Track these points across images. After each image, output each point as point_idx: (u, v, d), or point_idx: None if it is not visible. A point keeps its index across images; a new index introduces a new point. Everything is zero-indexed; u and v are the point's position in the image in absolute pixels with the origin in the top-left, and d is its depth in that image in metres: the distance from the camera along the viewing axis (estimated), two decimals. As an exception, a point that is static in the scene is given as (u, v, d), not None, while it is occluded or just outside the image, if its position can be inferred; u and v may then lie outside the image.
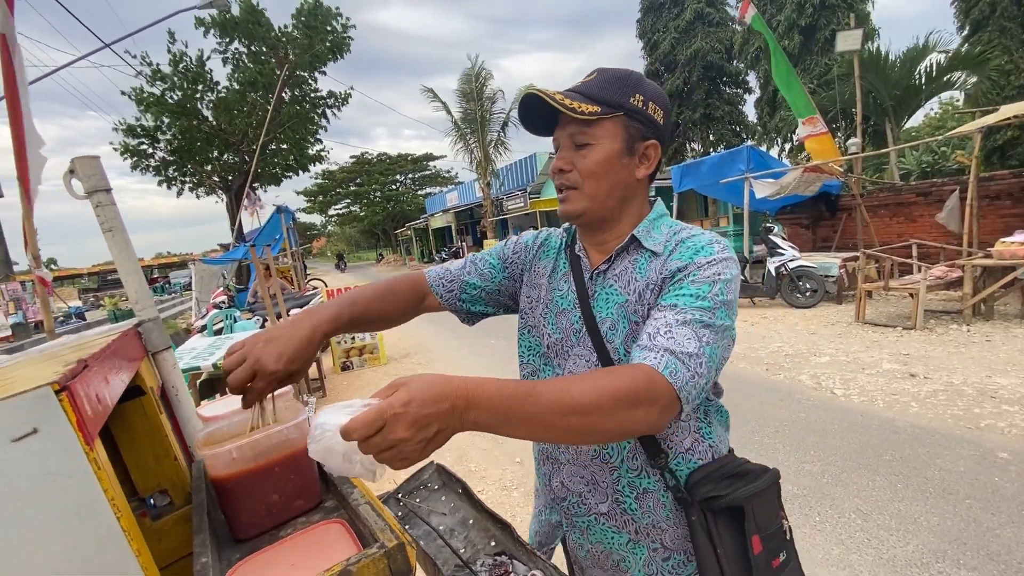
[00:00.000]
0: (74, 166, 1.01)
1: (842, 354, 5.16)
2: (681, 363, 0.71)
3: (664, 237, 0.90)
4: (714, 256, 0.82)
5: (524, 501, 3.10)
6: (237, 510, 0.77)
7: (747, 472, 0.90)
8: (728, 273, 0.81)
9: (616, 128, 0.86)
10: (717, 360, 0.77)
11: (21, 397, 0.44)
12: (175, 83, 13.96)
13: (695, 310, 0.76)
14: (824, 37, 15.14)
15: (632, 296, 0.87)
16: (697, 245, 0.85)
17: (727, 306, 0.79)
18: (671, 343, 0.73)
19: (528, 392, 0.63)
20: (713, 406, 0.95)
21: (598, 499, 0.95)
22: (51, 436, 0.45)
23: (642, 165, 0.90)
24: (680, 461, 0.91)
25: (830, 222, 10.06)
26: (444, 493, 1.29)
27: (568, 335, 0.94)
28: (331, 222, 55.08)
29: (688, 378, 0.71)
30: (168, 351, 1.10)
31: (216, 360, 3.70)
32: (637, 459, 0.91)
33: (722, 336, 0.77)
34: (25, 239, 3.89)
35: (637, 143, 0.88)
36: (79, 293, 30.17)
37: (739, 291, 0.84)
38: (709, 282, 0.79)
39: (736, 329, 0.88)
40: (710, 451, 0.93)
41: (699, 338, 0.74)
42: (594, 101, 0.85)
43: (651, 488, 0.91)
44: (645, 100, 0.87)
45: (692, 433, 0.92)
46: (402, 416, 0.55)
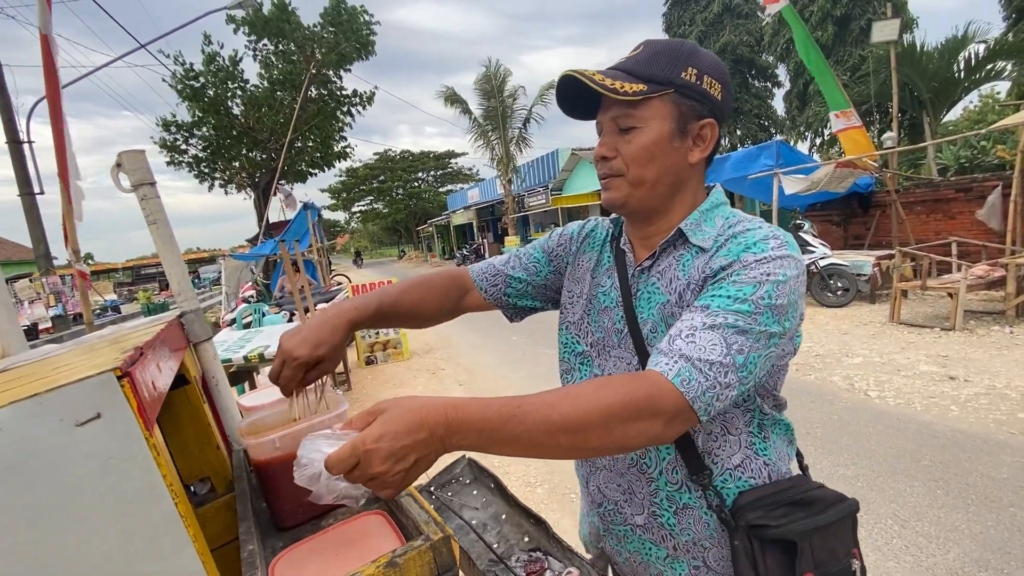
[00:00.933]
0: (121, 160, 1.03)
1: (876, 355, 5.00)
2: (697, 371, 0.65)
3: (716, 231, 0.80)
4: (766, 254, 0.72)
5: (548, 498, 3.09)
6: (279, 499, 0.78)
7: (812, 501, 0.79)
8: (781, 274, 0.71)
9: (666, 107, 0.77)
10: (755, 370, 0.69)
11: (86, 382, 0.44)
12: (208, 81, 14.31)
13: (729, 313, 0.68)
14: (859, 27, 14.65)
15: (673, 296, 0.80)
16: (749, 240, 0.75)
17: (776, 311, 0.69)
18: (690, 348, 0.66)
19: (512, 413, 0.59)
20: (770, 420, 0.85)
21: (634, 510, 0.88)
22: (113, 421, 0.45)
23: (696, 147, 0.81)
24: (727, 478, 0.82)
25: (862, 219, 9.75)
26: (476, 487, 1.29)
27: (609, 335, 0.88)
28: (354, 219, 55.88)
29: (705, 388, 0.64)
30: (209, 342, 1.12)
31: (246, 353, 3.78)
32: (677, 472, 0.83)
33: (765, 344, 0.69)
34: (65, 234, 4.03)
35: (691, 123, 0.79)
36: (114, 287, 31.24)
37: (799, 293, 0.72)
38: (754, 283, 0.70)
39: (799, 336, 0.79)
40: (765, 470, 0.83)
41: (727, 345, 0.67)
42: (640, 79, 0.77)
43: (692, 504, 0.83)
44: (700, 73, 0.77)
45: (743, 448, 0.82)
46: (375, 452, 0.54)
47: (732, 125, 21.76)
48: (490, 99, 18.81)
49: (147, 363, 0.55)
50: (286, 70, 14.65)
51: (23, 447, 0.42)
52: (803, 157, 8.77)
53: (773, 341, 0.70)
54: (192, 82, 14.17)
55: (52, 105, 3.60)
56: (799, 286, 0.73)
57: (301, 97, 12.87)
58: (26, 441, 0.42)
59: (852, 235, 9.96)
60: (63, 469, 0.44)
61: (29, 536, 0.43)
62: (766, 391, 0.83)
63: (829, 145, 16.19)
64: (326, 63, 14.98)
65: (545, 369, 5.63)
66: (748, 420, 0.83)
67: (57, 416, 0.43)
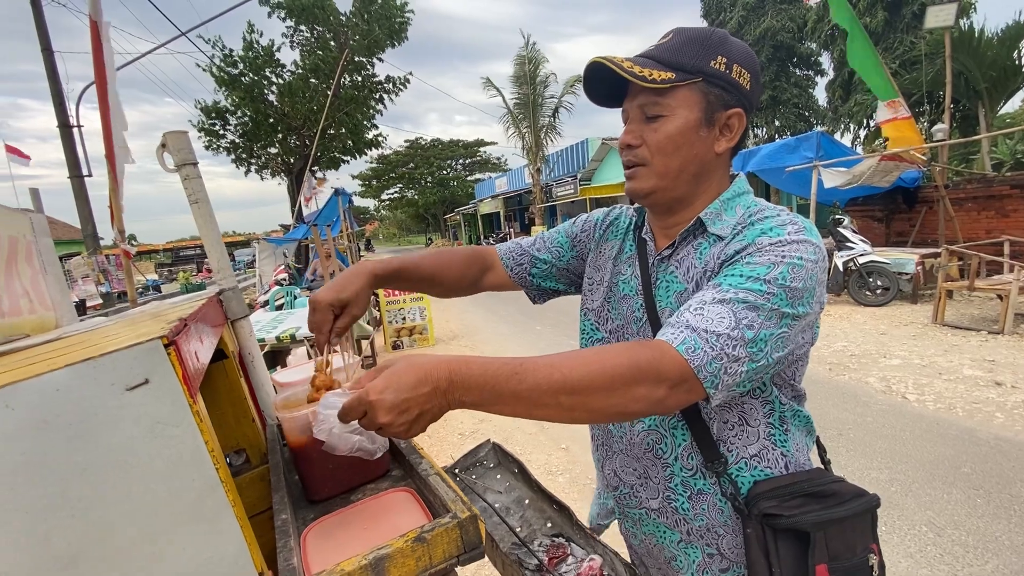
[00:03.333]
0: (165, 140, 1.07)
1: (916, 357, 4.80)
2: (703, 340, 0.64)
3: (736, 219, 0.80)
4: (782, 238, 0.71)
5: (569, 487, 3.10)
6: (312, 472, 0.80)
7: (830, 494, 0.79)
8: (796, 256, 0.69)
9: (694, 96, 0.77)
10: (767, 348, 0.67)
11: (135, 348, 0.46)
12: (246, 68, 14.63)
13: (740, 290, 0.67)
14: (911, 13, 13.89)
15: (691, 285, 0.80)
16: (766, 226, 0.74)
17: (790, 292, 0.68)
18: (697, 319, 0.66)
19: (514, 370, 0.60)
20: (790, 411, 0.84)
21: (649, 494, 0.89)
22: (160, 387, 0.47)
23: (723, 137, 0.80)
24: (743, 467, 0.82)
25: (907, 215, 9.32)
26: (499, 472, 1.31)
27: (629, 322, 0.89)
28: (384, 206, 56.59)
29: (711, 357, 0.63)
30: (246, 319, 1.15)
31: (279, 333, 3.90)
32: (693, 459, 0.84)
33: (777, 323, 0.67)
34: (112, 214, 4.20)
35: (718, 112, 0.78)
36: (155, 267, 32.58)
37: (817, 279, 0.71)
38: (768, 264, 0.69)
39: (818, 327, 0.77)
40: (782, 460, 0.83)
41: (736, 318, 0.65)
42: (669, 67, 0.76)
43: (707, 490, 0.83)
44: (729, 62, 0.77)
45: (762, 439, 0.82)
46: (379, 403, 0.56)
47: (770, 115, 21.02)
48: (522, 85, 18.65)
49: (190, 334, 0.57)
50: (320, 57, 14.83)
51: (79, 407, 0.44)
52: (845, 150, 8.41)
53: (786, 322, 0.68)
54: (230, 68, 14.49)
55: (101, 89, 3.74)
56: (818, 272, 0.71)
57: (334, 84, 13.04)
58: (81, 402, 0.45)
59: (895, 232, 9.54)
60: (114, 430, 0.46)
61: (82, 491, 0.45)
62: (784, 380, 0.82)
63: (873, 137, 15.49)
64: (358, 49, 15.10)
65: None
66: (767, 411, 0.82)
67: (109, 380, 0.45)
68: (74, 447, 0.44)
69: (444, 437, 4.07)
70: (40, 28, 10.52)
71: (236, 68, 14.56)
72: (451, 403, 0.59)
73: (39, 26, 10.51)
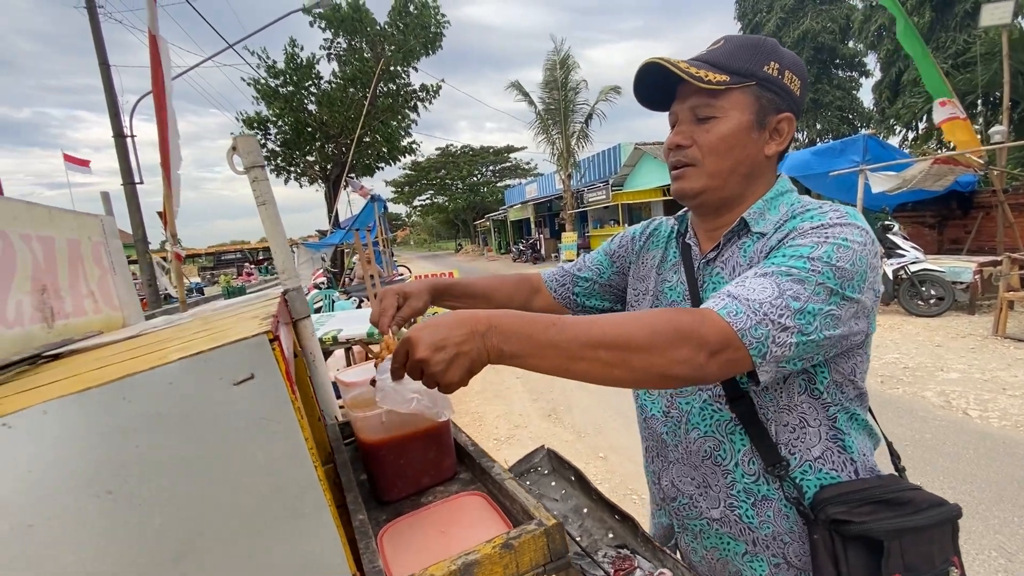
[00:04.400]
0: (236, 143, 1.10)
1: (976, 371, 4.54)
2: (745, 306, 0.62)
3: (779, 217, 0.79)
4: (825, 221, 0.71)
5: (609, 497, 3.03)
6: (384, 473, 0.80)
7: (904, 501, 0.75)
8: (841, 237, 0.68)
9: (746, 99, 0.78)
10: (816, 322, 0.64)
11: (243, 344, 0.46)
12: (287, 79, 15.14)
13: (783, 265, 0.67)
14: (964, 11, 13.28)
15: None
16: (808, 215, 0.74)
17: (838, 271, 0.65)
18: (738, 289, 0.65)
19: (553, 321, 0.61)
20: (847, 413, 0.81)
21: (710, 503, 0.87)
22: (265, 382, 0.47)
23: (773, 141, 0.81)
24: (807, 470, 0.79)
25: (961, 221, 8.88)
26: (554, 479, 1.28)
27: None
28: (415, 212, 57.48)
29: (755, 322, 0.61)
30: (308, 319, 1.17)
31: (321, 335, 3.98)
32: (754, 463, 0.81)
33: (826, 299, 0.65)
34: (164, 219, 4.38)
35: (769, 116, 0.79)
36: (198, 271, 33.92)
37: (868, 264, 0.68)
38: (811, 244, 0.68)
39: (875, 318, 0.75)
40: (851, 465, 0.80)
41: (779, 289, 0.64)
42: (723, 70, 0.78)
43: (771, 496, 0.81)
44: (781, 68, 0.78)
45: (824, 440, 0.80)
46: (418, 339, 0.59)
47: (811, 119, 20.41)
48: (553, 91, 18.65)
49: (279, 331, 0.57)
50: (357, 67, 15.21)
51: (189, 401, 0.45)
52: (894, 152, 8.06)
53: (835, 299, 0.66)
54: (274, 79, 15.02)
55: (158, 100, 3.92)
56: (867, 256, 0.69)
57: (371, 93, 13.34)
58: (192, 396, 0.45)
59: (948, 239, 9.09)
60: (221, 425, 0.46)
61: (191, 485, 0.45)
62: (844, 377, 0.79)
63: (924, 139, 14.80)
64: (394, 59, 15.42)
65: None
66: (827, 411, 0.80)
67: (217, 374, 0.45)
68: (185, 441, 0.45)
69: (480, 442, 4.06)
70: (98, 43, 11.15)
71: (278, 79, 15.08)
72: (489, 349, 0.59)
73: (96, 41, 11.13)
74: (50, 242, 1.29)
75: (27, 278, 1.13)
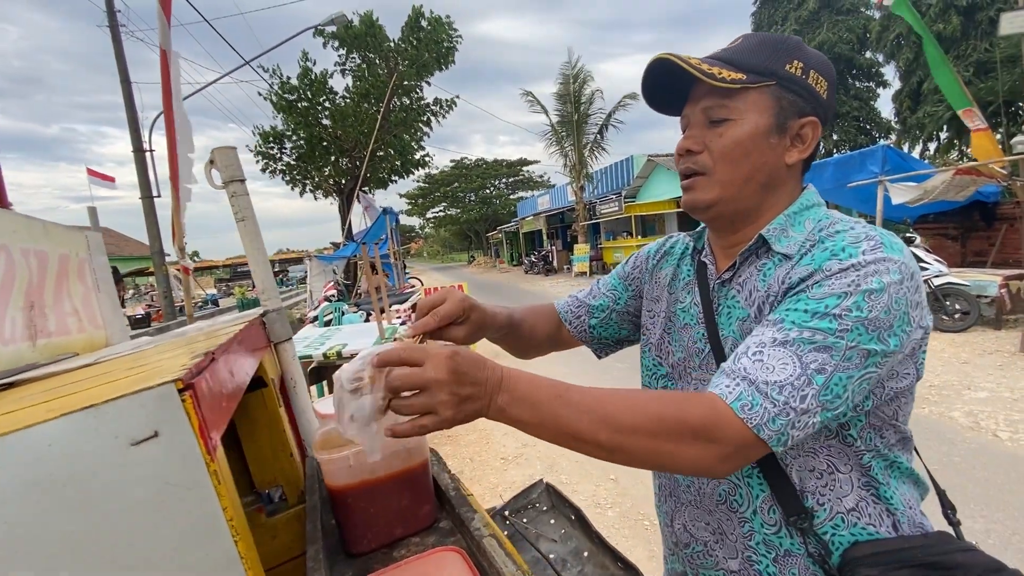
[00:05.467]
0: (214, 156, 1.04)
1: (1005, 389, 4.32)
2: (762, 395, 0.57)
3: (804, 235, 0.70)
4: (855, 260, 0.62)
5: (619, 522, 2.90)
6: (351, 521, 0.71)
7: (952, 566, 0.65)
8: (875, 281, 0.60)
9: (766, 100, 0.70)
10: (845, 394, 0.58)
11: (144, 395, 0.38)
12: (301, 95, 15.39)
13: (806, 328, 0.59)
14: (988, 18, 13.01)
15: (752, 310, 0.71)
16: (837, 246, 0.65)
17: (870, 325, 0.59)
18: (754, 368, 0.59)
19: (559, 392, 0.58)
20: (885, 460, 0.71)
21: (726, 552, 0.77)
22: (171, 441, 0.39)
23: (795, 147, 0.72)
24: (839, 524, 0.69)
25: (985, 233, 8.60)
26: (554, 516, 1.18)
27: (691, 355, 0.80)
28: (428, 224, 57.88)
29: (773, 414, 0.56)
30: (289, 342, 1.09)
31: (326, 350, 3.92)
32: (775, 512, 0.72)
33: (859, 364, 0.58)
34: (173, 232, 4.40)
35: (791, 119, 0.71)
36: (215, 282, 34.39)
37: (908, 302, 0.61)
38: (838, 294, 0.60)
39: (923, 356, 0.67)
40: (888, 518, 0.70)
41: (802, 363, 0.58)
42: (740, 68, 0.70)
43: (795, 551, 0.71)
44: (806, 67, 0.70)
45: (857, 489, 0.70)
46: (444, 362, 0.55)
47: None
48: (566, 103, 18.68)
49: (217, 370, 0.49)
50: (371, 83, 15.40)
51: (74, 465, 0.37)
52: (915, 163, 7.86)
53: (872, 361, 0.59)
54: (288, 95, 15.27)
55: (168, 113, 3.95)
56: (906, 293, 0.61)
57: (384, 108, 13.47)
58: (77, 458, 0.37)
59: (972, 251, 8.81)
60: (116, 493, 0.38)
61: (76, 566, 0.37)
62: (884, 421, 0.69)
63: (945, 150, 14.47)
64: (407, 75, 15.59)
65: (613, 382, 5.40)
66: (860, 458, 0.70)
67: (111, 432, 0.38)
68: (68, 514, 0.37)
69: (486, 461, 3.96)
70: (119, 60, 11.45)
71: (293, 95, 15.32)
72: (493, 404, 0.57)
73: (118, 58, 11.43)
74: (44, 257, 1.24)
75: (22, 293, 1.08)
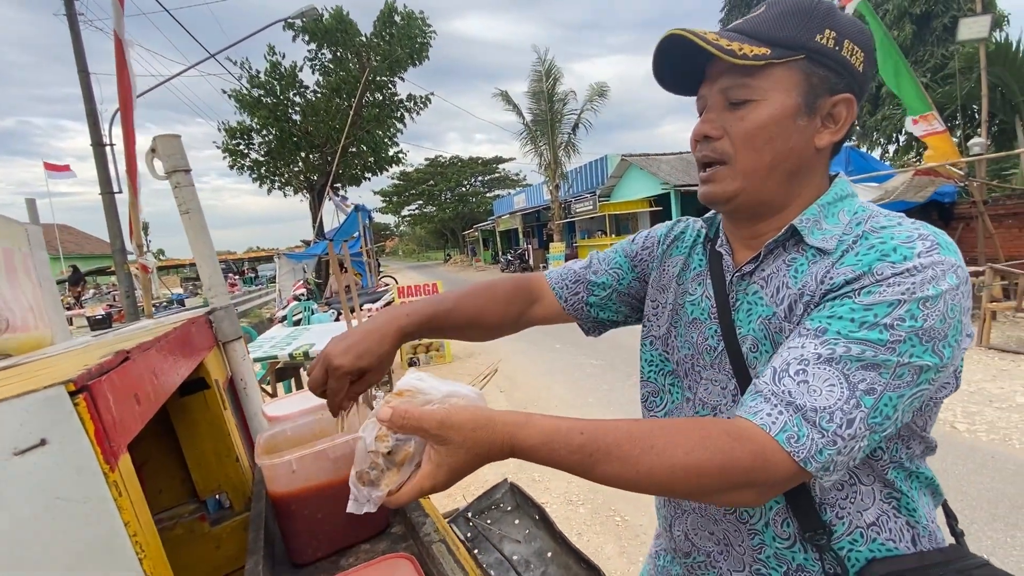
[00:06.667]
0: (155, 144, 0.97)
1: (963, 383, 4.48)
2: (808, 424, 0.52)
3: (841, 229, 0.64)
4: (910, 263, 0.55)
5: (591, 519, 2.91)
6: (295, 531, 0.67)
7: None
8: (931, 288, 0.54)
9: (793, 77, 0.63)
10: (895, 414, 0.54)
11: (28, 398, 0.34)
12: (270, 89, 15.01)
13: (854, 343, 0.54)
14: (942, 25, 13.57)
15: (780, 309, 0.65)
16: (887, 246, 0.58)
17: (925, 336, 0.54)
18: (799, 391, 0.54)
19: (582, 460, 0.53)
20: (905, 470, 0.67)
21: (732, 565, 0.72)
22: (62, 450, 0.35)
23: (826, 129, 0.65)
24: (857, 539, 0.65)
25: (942, 232, 8.95)
26: (518, 516, 1.16)
27: (700, 353, 0.74)
28: (403, 222, 57.28)
29: (822, 445, 0.52)
30: (238, 341, 1.04)
31: (292, 350, 3.82)
32: (789, 526, 0.67)
33: (912, 381, 0.54)
34: (131, 229, 4.22)
35: (822, 98, 0.64)
36: (181, 281, 33.26)
37: (962, 308, 0.56)
38: (889, 301, 0.54)
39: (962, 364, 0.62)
40: (909, 532, 0.66)
41: (850, 384, 0.53)
42: (763, 41, 0.63)
43: (810, 567, 0.66)
44: (839, 37, 0.62)
45: (879, 502, 0.66)
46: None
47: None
48: (540, 102, 18.70)
49: (129, 371, 0.45)
50: (342, 77, 15.13)
51: (-56, 481, 0.32)
52: (876, 164, 8.15)
53: (926, 377, 0.54)
54: (256, 89, 14.87)
55: (123, 105, 3.77)
56: (961, 300, 0.56)
57: (356, 103, 13.24)
58: (-52, 473, 0.32)
59: (930, 249, 9.16)
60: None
61: (-51, 597, 0.33)
62: (912, 432, 0.65)
63: (904, 151, 15.04)
64: (380, 70, 15.37)
65: (587, 379, 5.42)
66: (885, 470, 0.65)
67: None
68: (-64, 535, 0.32)
69: (459, 460, 3.92)
70: (77, 51, 10.94)
71: (261, 89, 14.94)
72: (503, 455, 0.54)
73: (76, 49, 10.93)
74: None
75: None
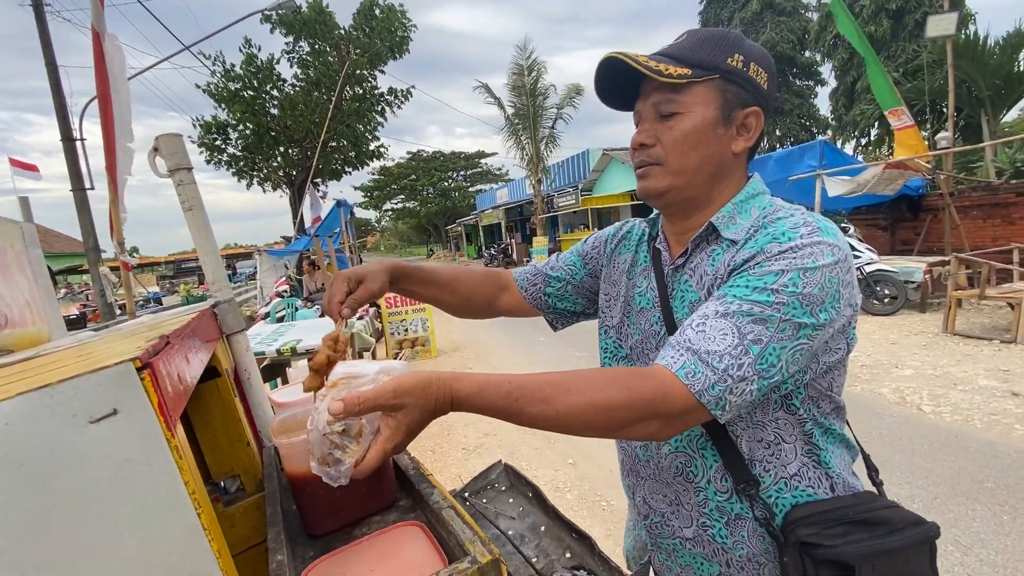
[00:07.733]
0: (158, 144, 1.01)
1: (929, 367, 4.71)
2: (704, 364, 0.62)
3: (750, 222, 0.75)
4: (793, 242, 0.67)
5: (578, 504, 3.00)
6: (311, 504, 0.73)
7: (879, 521, 0.72)
8: (811, 261, 0.65)
9: (711, 93, 0.74)
10: (780, 363, 0.63)
11: (101, 374, 0.39)
12: (247, 83, 14.71)
13: (745, 301, 0.65)
14: (914, 21, 13.94)
15: (703, 293, 0.77)
16: (777, 230, 0.70)
17: (805, 300, 0.64)
18: (697, 338, 0.64)
19: (509, 404, 0.61)
20: (822, 428, 0.78)
21: (682, 522, 0.84)
22: (131, 418, 0.40)
23: (741, 137, 0.77)
24: (783, 488, 0.76)
25: (912, 224, 9.25)
26: (512, 495, 1.22)
27: (647, 337, 0.85)
28: (385, 217, 56.72)
29: (714, 380, 0.61)
30: (242, 334, 1.08)
31: (279, 346, 3.81)
32: (727, 480, 0.78)
33: (792, 335, 0.64)
34: (111, 226, 4.15)
35: (735, 110, 0.76)
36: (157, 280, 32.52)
37: (840, 281, 0.67)
38: (776, 271, 0.65)
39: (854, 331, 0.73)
40: (826, 481, 0.77)
41: (740, 334, 0.63)
42: (685, 63, 0.74)
43: (745, 515, 0.77)
44: (746, 60, 0.75)
45: (800, 456, 0.77)
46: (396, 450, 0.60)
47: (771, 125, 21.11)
48: (521, 96, 18.67)
49: (173, 353, 0.50)
50: (322, 71, 14.91)
51: (31, 444, 0.37)
52: (848, 158, 8.38)
53: (804, 333, 0.65)
54: (232, 83, 14.56)
55: (102, 100, 3.71)
56: (839, 274, 0.67)
57: (336, 97, 13.07)
58: (35, 437, 0.37)
59: (900, 240, 9.47)
60: (74, 471, 0.39)
61: (35, 545, 0.38)
62: (820, 392, 0.76)
63: (876, 145, 15.46)
64: (360, 63, 15.18)
65: (574, 371, 5.52)
66: (803, 427, 0.77)
67: (69, 411, 0.38)
68: (27, 492, 0.37)
69: (448, 452, 3.98)
70: (44, 43, 10.59)
71: (237, 83, 14.63)
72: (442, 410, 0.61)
73: (43, 41, 10.57)
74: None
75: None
